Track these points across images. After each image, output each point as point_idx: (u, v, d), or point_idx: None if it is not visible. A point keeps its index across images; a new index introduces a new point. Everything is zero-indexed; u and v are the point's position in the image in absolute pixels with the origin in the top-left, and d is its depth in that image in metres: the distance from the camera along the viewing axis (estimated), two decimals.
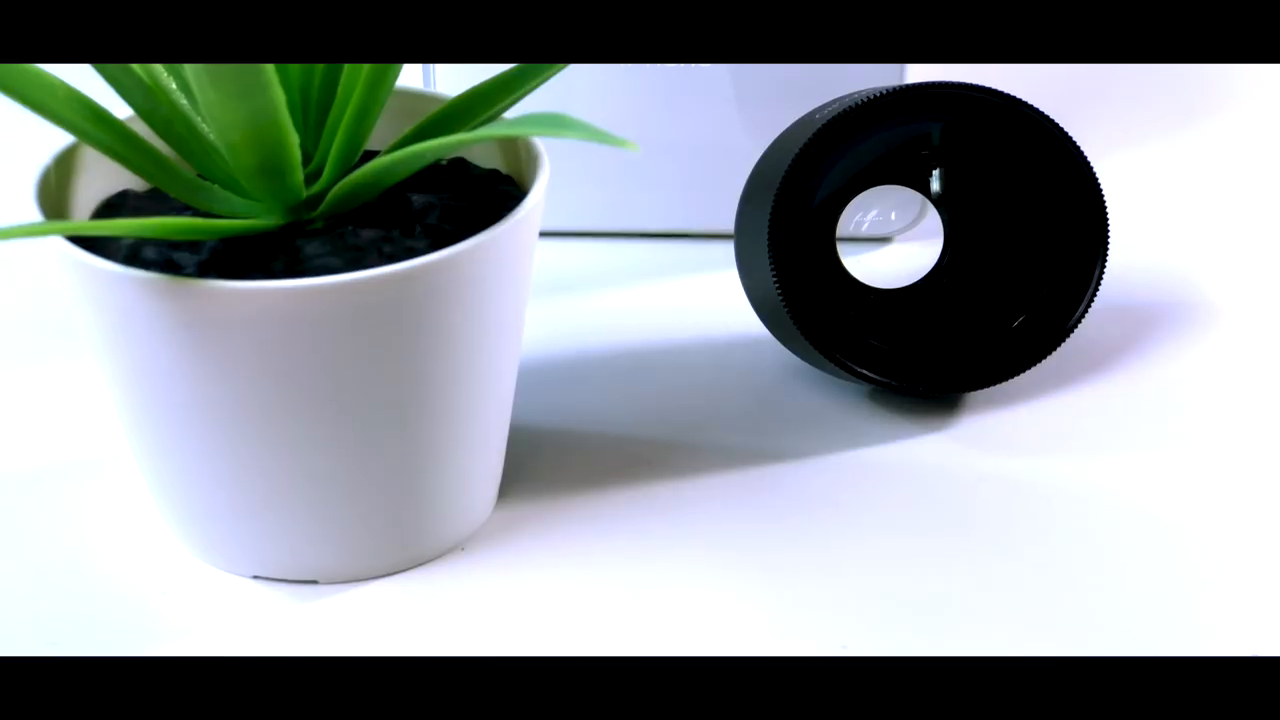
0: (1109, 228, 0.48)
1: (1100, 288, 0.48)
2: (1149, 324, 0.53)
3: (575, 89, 0.54)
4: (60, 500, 0.45)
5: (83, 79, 0.39)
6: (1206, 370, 0.51)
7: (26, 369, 0.50)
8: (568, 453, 0.46)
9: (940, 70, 0.58)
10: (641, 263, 0.56)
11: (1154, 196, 0.60)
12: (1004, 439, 0.47)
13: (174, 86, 0.40)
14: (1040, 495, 0.45)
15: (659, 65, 0.54)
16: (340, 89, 0.40)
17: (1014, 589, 0.42)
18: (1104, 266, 0.48)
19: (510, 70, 0.41)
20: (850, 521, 0.44)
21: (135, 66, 0.39)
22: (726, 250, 0.53)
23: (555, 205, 0.54)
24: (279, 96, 0.36)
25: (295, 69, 0.40)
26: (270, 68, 0.35)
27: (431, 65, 0.53)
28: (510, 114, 0.41)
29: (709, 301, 0.54)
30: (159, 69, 0.40)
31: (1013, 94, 0.47)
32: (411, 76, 0.50)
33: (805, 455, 0.47)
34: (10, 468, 0.46)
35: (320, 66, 0.40)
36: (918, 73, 0.54)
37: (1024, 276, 0.49)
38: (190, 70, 0.35)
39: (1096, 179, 0.47)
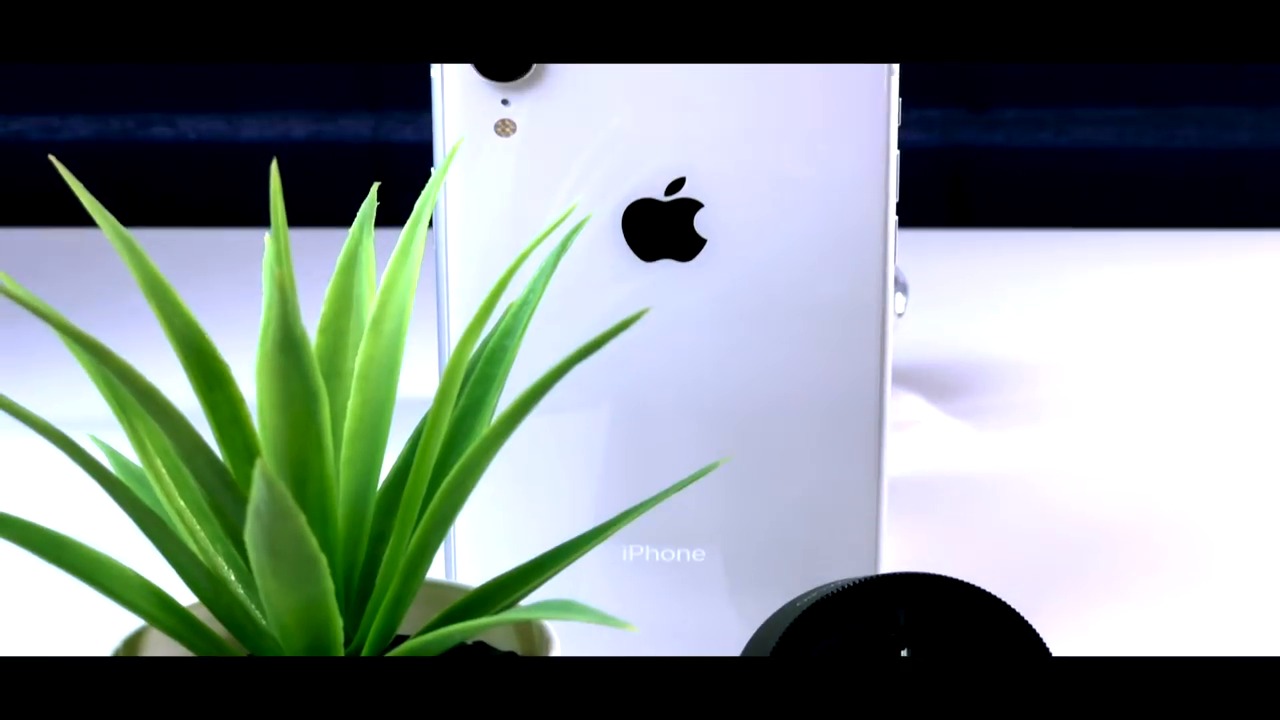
0: None
1: None
2: None
3: (580, 581, 0.58)
4: None
5: (153, 568, 0.44)
6: None
7: None
8: None
9: (907, 562, 0.63)
10: None
11: None
12: None
13: (233, 577, 0.45)
14: None
15: (651, 559, 0.59)
16: (379, 579, 0.45)
17: None
18: None
19: (524, 565, 0.46)
20: None
21: (201, 557, 0.44)
22: None
23: None
24: (329, 586, 0.41)
25: (340, 561, 0.45)
26: (324, 561, 0.40)
27: (454, 559, 0.58)
28: (525, 602, 0.46)
29: None
30: (221, 562, 0.45)
31: (971, 582, 0.51)
32: (437, 571, 0.55)
33: None
34: None
35: (361, 560, 0.46)
36: (890, 564, 0.59)
37: None
38: (254, 561, 0.41)
39: (1052, 656, 0.51)
